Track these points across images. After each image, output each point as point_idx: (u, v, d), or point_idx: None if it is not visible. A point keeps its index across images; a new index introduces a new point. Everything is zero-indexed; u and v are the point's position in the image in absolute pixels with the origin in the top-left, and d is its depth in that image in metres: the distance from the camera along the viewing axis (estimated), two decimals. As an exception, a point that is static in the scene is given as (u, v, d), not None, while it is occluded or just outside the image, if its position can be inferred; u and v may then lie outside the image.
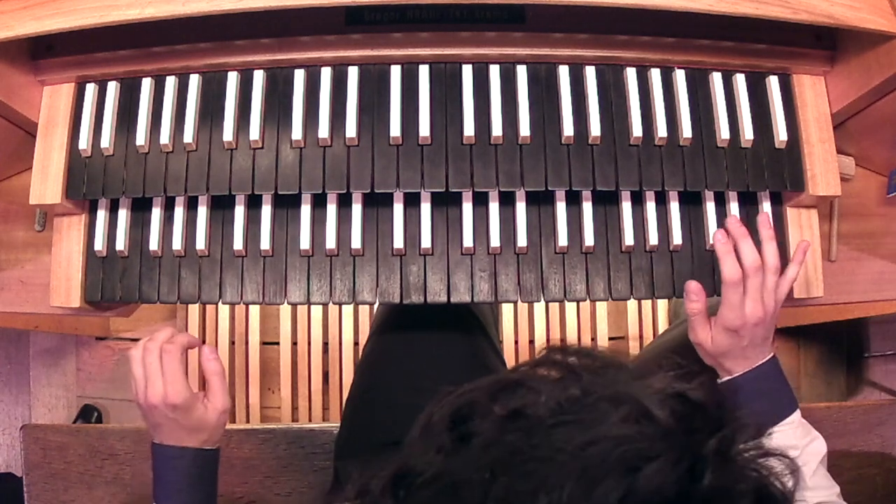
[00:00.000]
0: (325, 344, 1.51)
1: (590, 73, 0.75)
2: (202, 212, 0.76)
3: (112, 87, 0.76)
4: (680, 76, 0.75)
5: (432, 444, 0.37)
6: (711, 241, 0.75)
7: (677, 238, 0.76)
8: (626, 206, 0.76)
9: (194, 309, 1.49)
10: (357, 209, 0.76)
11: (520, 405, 0.36)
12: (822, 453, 0.68)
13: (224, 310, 1.50)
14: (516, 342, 1.50)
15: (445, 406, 0.38)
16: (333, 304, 0.77)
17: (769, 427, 0.67)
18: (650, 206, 0.76)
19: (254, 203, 0.76)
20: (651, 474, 0.32)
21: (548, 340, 1.50)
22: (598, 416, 0.34)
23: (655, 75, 0.75)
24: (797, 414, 0.69)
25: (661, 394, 0.35)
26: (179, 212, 0.76)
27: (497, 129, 0.72)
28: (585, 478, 0.32)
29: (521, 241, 0.75)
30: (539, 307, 1.51)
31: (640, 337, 1.53)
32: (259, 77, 0.74)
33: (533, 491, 0.32)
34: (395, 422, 0.82)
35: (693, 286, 0.69)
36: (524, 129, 0.73)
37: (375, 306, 0.75)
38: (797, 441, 0.67)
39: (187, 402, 0.65)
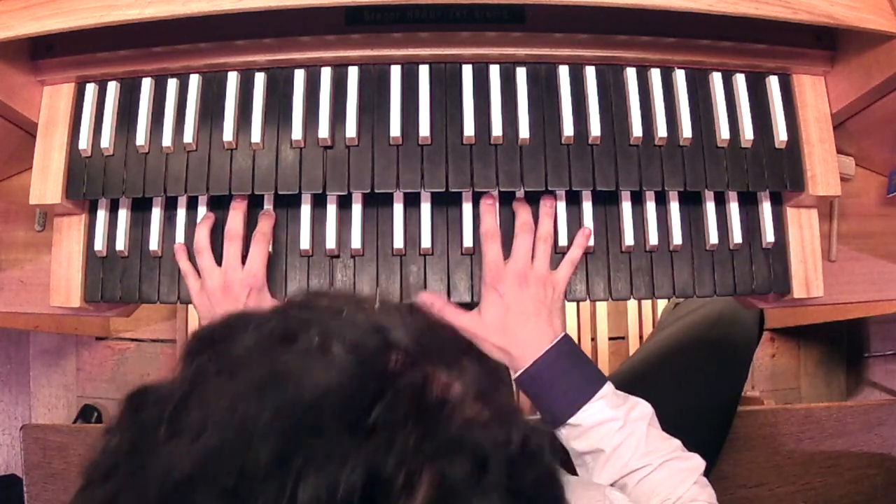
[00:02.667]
0: (325, 344, 1.51)
1: (590, 73, 0.75)
2: (202, 212, 0.76)
3: (112, 87, 0.76)
4: (680, 76, 0.75)
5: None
6: (712, 241, 0.75)
7: (677, 238, 0.76)
8: (626, 206, 0.76)
9: (194, 309, 1.49)
10: (357, 209, 0.76)
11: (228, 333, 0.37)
12: (649, 415, 0.68)
13: (224, 310, 1.50)
14: (516, 342, 1.50)
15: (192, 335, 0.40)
16: (333, 304, 0.77)
17: (581, 406, 0.66)
18: (650, 206, 0.76)
19: (254, 203, 0.76)
20: (328, 393, 0.31)
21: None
22: (295, 342, 0.35)
23: (655, 75, 0.75)
24: (608, 387, 0.68)
25: (365, 327, 0.36)
26: (180, 212, 0.76)
27: (497, 129, 0.72)
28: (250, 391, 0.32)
29: (521, 241, 0.74)
30: (539, 307, 1.51)
31: (640, 337, 1.53)
32: (259, 77, 0.74)
33: (226, 408, 0.32)
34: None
35: (424, 297, 0.73)
36: (524, 130, 0.73)
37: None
38: (615, 412, 0.66)
39: (264, 287, 0.71)
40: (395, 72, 0.74)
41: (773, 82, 0.75)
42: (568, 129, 0.73)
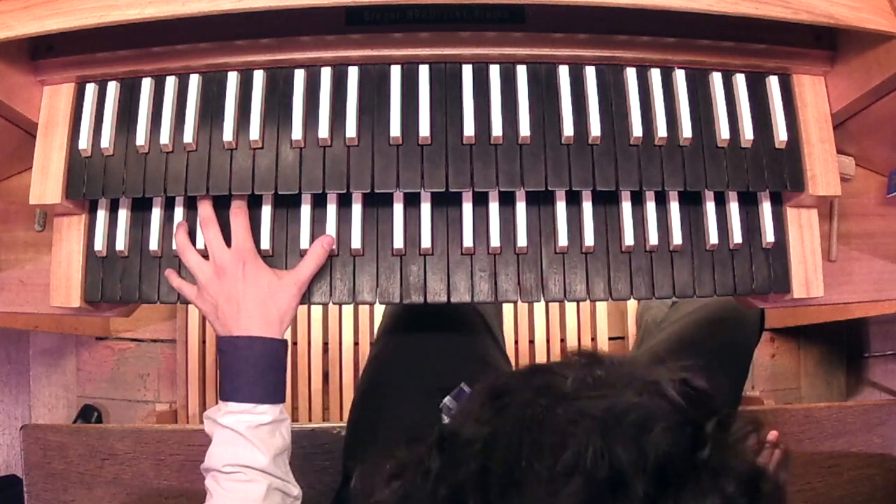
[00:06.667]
0: (325, 344, 1.51)
1: (590, 73, 0.75)
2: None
3: (112, 87, 0.76)
4: (680, 76, 0.75)
5: (473, 415, 0.43)
6: (712, 241, 0.75)
7: (677, 238, 0.76)
8: (626, 206, 0.76)
9: (194, 309, 1.49)
10: (357, 209, 0.76)
11: (548, 381, 0.43)
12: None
13: (224, 310, 1.49)
14: (516, 342, 1.50)
15: (485, 385, 0.45)
16: (333, 304, 0.77)
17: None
18: (650, 206, 0.76)
19: (254, 203, 0.76)
20: (659, 437, 0.38)
21: (548, 341, 1.51)
22: (617, 390, 0.41)
23: (655, 75, 0.75)
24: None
25: (670, 379, 0.42)
26: (179, 212, 0.76)
27: (497, 129, 0.72)
28: (604, 434, 0.38)
29: (521, 241, 0.75)
30: (539, 307, 1.51)
31: (640, 337, 1.53)
32: (259, 77, 0.74)
33: (559, 444, 0.38)
34: (404, 421, 0.82)
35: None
36: (524, 129, 0.73)
37: (377, 307, 0.75)
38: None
39: (256, 257, 0.72)
40: (395, 72, 0.74)
41: (773, 82, 0.75)
42: (568, 129, 0.73)
